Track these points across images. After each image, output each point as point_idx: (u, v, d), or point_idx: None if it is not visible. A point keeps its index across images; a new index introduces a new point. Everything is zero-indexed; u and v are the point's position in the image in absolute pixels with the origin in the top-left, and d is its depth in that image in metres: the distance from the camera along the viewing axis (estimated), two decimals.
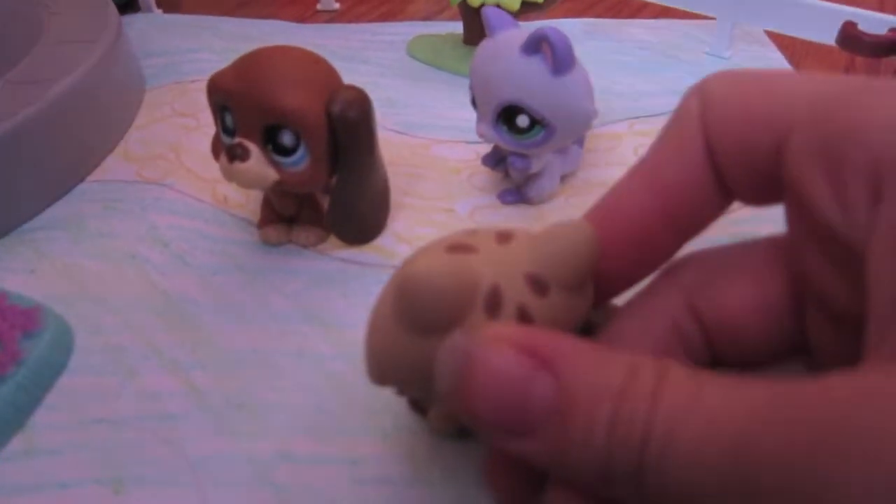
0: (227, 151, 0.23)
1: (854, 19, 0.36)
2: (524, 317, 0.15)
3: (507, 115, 0.26)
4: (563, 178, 0.31)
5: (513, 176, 0.29)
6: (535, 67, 0.25)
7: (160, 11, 0.50)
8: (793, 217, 0.15)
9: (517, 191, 0.30)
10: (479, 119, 0.28)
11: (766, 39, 0.45)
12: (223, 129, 0.24)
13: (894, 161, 0.12)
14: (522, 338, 0.13)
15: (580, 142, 0.31)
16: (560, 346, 0.13)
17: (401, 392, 0.21)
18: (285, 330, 0.24)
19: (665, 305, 0.16)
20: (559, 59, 0.24)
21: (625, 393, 0.12)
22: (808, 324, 0.15)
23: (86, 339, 0.24)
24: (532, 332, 0.14)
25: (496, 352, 0.13)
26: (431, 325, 0.14)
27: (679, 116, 0.16)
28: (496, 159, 0.29)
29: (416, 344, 0.14)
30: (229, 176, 0.24)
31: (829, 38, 0.37)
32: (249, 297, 0.26)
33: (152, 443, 0.21)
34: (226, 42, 0.44)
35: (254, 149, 0.23)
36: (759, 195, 0.16)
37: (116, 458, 0.21)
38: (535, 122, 0.26)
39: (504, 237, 0.16)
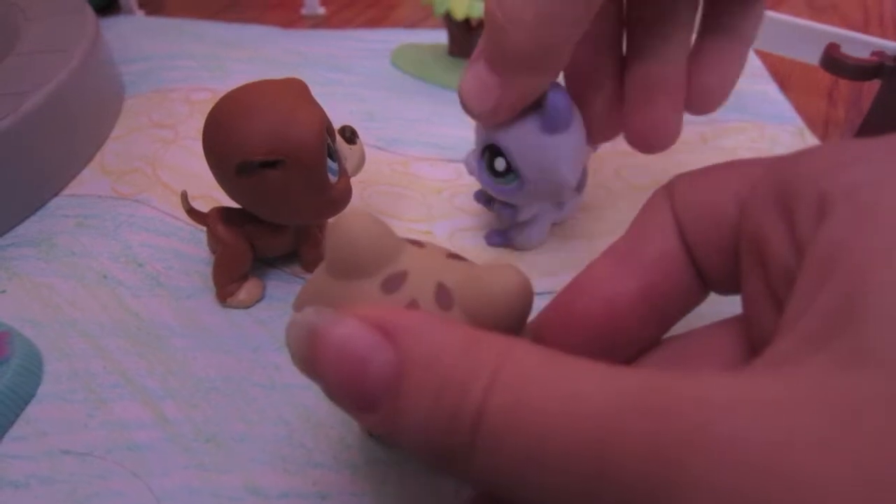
0: (343, 136, 0.26)
1: (839, 41, 0.36)
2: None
3: (489, 155, 0.25)
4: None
5: (500, 219, 0.29)
6: (529, 118, 0.24)
7: (142, 13, 0.50)
8: (751, 283, 0.15)
9: (503, 234, 0.29)
10: (474, 150, 0.26)
11: (752, 55, 0.45)
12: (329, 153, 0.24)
13: (835, 193, 0.12)
14: (370, 313, 0.13)
15: (580, 188, 0.29)
16: (407, 320, 0.13)
17: None
18: (258, 358, 0.24)
19: None
20: (550, 121, 0.23)
21: (458, 365, 0.12)
22: None
23: (55, 364, 0.24)
24: (382, 308, 0.14)
25: (339, 325, 0.13)
26: (346, 265, 0.15)
27: (649, 203, 0.17)
28: (488, 197, 0.29)
29: (333, 286, 0.16)
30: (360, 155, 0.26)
31: (813, 58, 0.37)
32: (223, 321, 0.26)
33: (119, 475, 0.21)
34: (207, 48, 0.43)
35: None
36: (729, 275, 0.16)
37: (82, 490, 0.20)
38: (510, 170, 0.25)
39: (452, 256, 0.16)
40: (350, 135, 0.26)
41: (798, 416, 0.09)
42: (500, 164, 0.25)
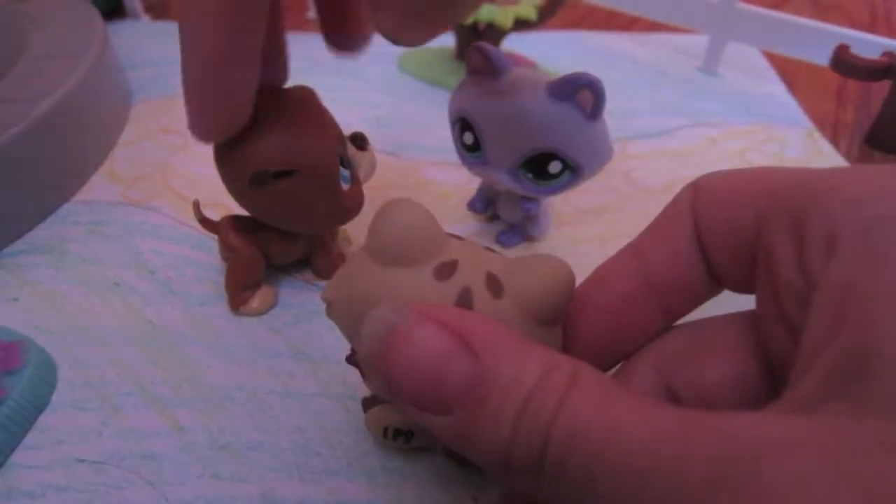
0: (354, 142, 0.26)
1: (848, 41, 0.36)
2: (466, 300, 0.15)
3: (536, 162, 0.25)
4: (556, 206, 0.31)
5: (504, 217, 0.29)
6: (571, 114, 0.24)
7: (148, 18, 0.50)
8: (763, 294, 0.15)
9: (517, 231, 0.29)
10: (487, 163, 0.26)
11: (760, 56, 0.45)
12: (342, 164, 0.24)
13: (848, 228, 0.12)
14: (449, 317, 0.13)
15: None
16: (484, 331, 0.13)
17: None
18: (272, 366, 0.24)
19: (639, 384, 0.17)
20: (600, 106, 0.24)
21: (536, 389, 0.12)
22: None
23: (69, 372, 0.24)
24: (460, 313, 0.14)
25: (421, 325, 0.13)
26: (399, 252, 0.15)
27: (673, 203, 0.17)
28: (485, 203, 0.29)
29: (381, 273, 0.15)
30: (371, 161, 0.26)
31: (822, 59, 0.37)
32: (236, 329, 0.25)
33: (134, 485, 0.21)
34: None
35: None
36: (743, 279, 0.16)
37: (98, 500, 0.20)
38: (565, 167, 0.25)
39: (489, 249, 0.17)
40: (361, 141, 0.26)
41: (811, 459, 0.10)
42: (555, 166, 0.25)
